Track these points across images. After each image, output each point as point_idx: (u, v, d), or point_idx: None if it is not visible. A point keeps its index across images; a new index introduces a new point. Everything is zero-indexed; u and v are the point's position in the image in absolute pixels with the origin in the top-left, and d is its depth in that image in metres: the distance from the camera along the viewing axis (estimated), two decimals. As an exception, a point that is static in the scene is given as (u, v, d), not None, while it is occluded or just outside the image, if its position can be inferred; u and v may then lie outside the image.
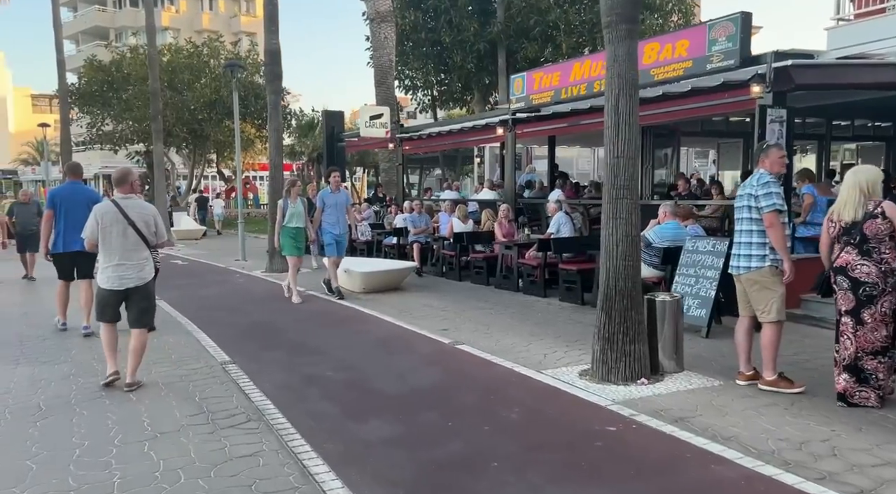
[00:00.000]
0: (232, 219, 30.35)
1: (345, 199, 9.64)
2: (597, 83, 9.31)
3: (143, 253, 5.19)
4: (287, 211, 9.25)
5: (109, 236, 5.06)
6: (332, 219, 9.34)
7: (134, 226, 5.09)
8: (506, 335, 6.72)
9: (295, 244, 9.31)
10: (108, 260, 5.10)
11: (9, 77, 75.91)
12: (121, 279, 5.10)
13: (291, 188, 9.46)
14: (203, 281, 11.77)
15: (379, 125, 15.29)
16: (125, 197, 5.22)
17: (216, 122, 28.26)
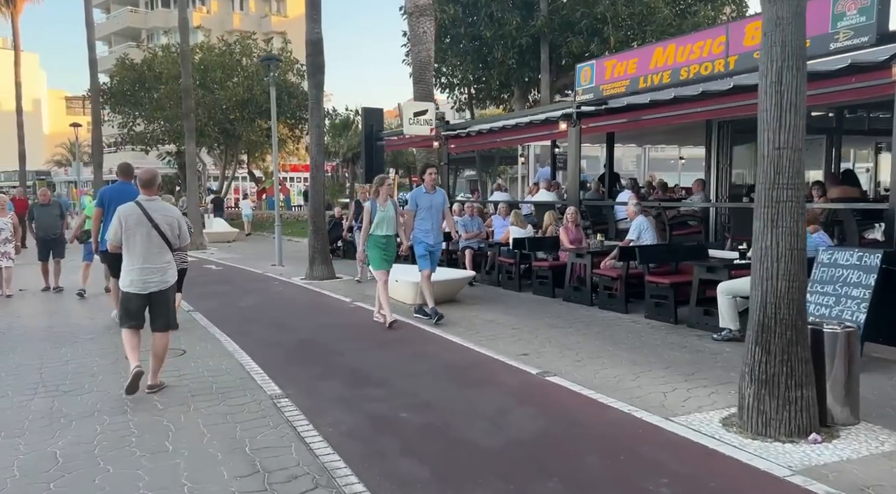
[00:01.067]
0: (262, 221, 29.79)
1: (442, 201, 7.93)
2: (684, 70, 8.22)
3: (167, 257, 5.09)
4: (375, 215, 7.49)
5: (133, 238, 4.96)
6: (426, 226, 7.79)
7: (158, 228, 4.99)
8: (602, 363, 5.67)
9: (384, 256, 7.57)
10: (132, 263, 4.99)
11: (43, 79, 76.93)
12: (144, 282, 4.98)
13: (381, 187, 7.66)
14: (240, 288, 10.92)
15: (423, 122, 14.31)
16: (149, 198, 5.09)
17: (248, 122, 27.64)
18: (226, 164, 31.07)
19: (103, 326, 7.73)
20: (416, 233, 7.86)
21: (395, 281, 8.96)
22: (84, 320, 8.19)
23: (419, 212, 7.83)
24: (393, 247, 7.75)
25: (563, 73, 25.44)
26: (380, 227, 7.52)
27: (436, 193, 7.93)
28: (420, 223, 7.83)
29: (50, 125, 74.02)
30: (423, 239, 7.84)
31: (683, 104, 8.09)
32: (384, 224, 7.54)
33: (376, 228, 7.50)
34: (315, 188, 12.02)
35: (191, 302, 9.18)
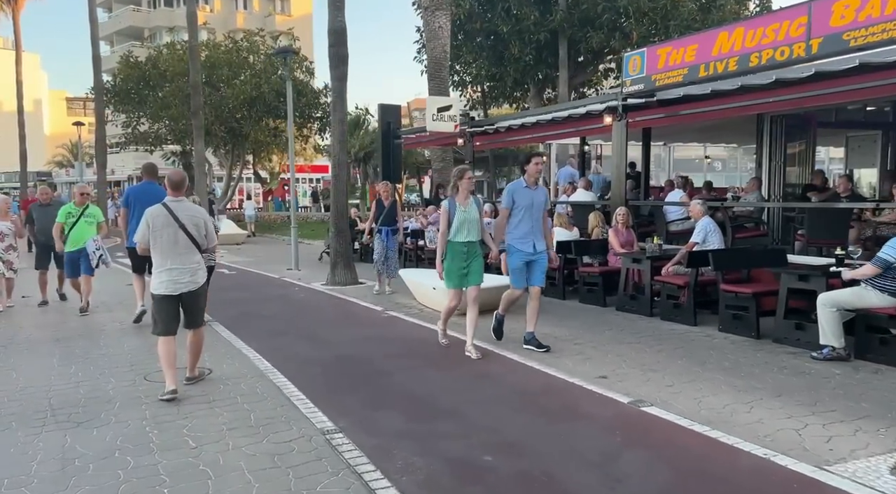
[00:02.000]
0: (269, 222, 29.05)
1: (544, 200, 6.17)
2: (754, 56, 7.46)
3: (195, 257, 5.07)
4: (455, 217, 5.93)
5: (161, 239, 4.94)
6: (523, 229, 6.03)
7: (185, 229, 4.97)
8: (699, 389, 4.91)
9: (463, 268, 5.99)
10: (161, 265, 4.97)
11: (44, 79, 76.30)
12: (175, 284, 4.96)
13: (460, 181, 6.04)
14: (259, 295, 10.16)
15: (447, 118, 13.57)
16: (176, 199, 5.06)
17: (255, 121, 26.90)
18: (232, 165, 30.31)
19: (115, 337, 6.98)
20: (510, 240, 6.18)
21: (432, 288, 8.21)
22: (92, 331, 7.43)
23: (515, 212, 6.08)
24: (477, 256, 6.12)
25: (581, 69, 24.71)
26: (460, 232, 5.97)
27: (537, 190, 6.16)
28: (516, 226, 6.11)
29: (51, 126, 73.37)
30: (519, 246, 6.09)
31: (753, 94, 7.33)
32: (466, 227, 5.98)
33: (456, 233, 5.98)
34: (337, 188, 11.27)
35: (209, 311, 8.40)
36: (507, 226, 6.19)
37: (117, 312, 8.63)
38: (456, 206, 6.01)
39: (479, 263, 6.13)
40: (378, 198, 9.88)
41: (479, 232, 6.15)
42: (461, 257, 6.04)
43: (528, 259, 6.12)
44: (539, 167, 6.13)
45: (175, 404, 4.78)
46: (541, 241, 6.18)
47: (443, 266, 6.09)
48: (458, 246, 6.03)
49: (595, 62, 24.03)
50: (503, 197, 6.32)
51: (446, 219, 6.01)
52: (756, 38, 7.36)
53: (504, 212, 6.25)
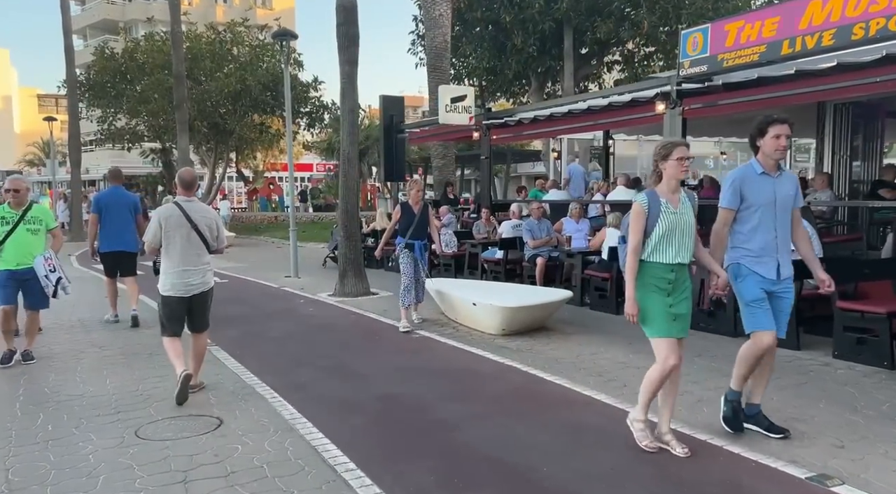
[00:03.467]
0: (256, 223, 27.55)
1: (794, 194, 3.97)
2: (858, 27, 6.35)
3: (206, 258, 4.98)
4: (658, 221, 3.66)
5: (173, 241, 4.83)
6: (765, 238, 3.89)
7: (197, 229, 4.86)
8: (882, 451, 3.74)
9: (672, 306, 3.75)
10: (172, 266, 4.85)
11: (14, 75, 73.61)
12: (187, 286, 4.86)
13: (665, 161, 3.70)
14: (261, 310, 8.84)
15: (461, 109, 12.35)
16: (188, 199, 4.94)
17: (240, 116, 25.41)
18: (215, 163, 28.74)
19: (95, 369, 5.65)
20: (737, 257, 3.93)
21: (472, 304, 6.98)
22: (66, 361, 6.07)
23: (746, 213, 3.89)
24: (688, 286, 3.81)
25: (585, 62, 23.62)
26: (666, 246, 3.65)
27: (781, 176, 3.93)
28: (748, 236, 3.89)
29: (21, 124, 70.80)
30: (755, 267, 3.87)
31: (854, 73, 6.22)
32: (676, 238, 3.64)
33: (659, 249, 3.66)
34: (347, 186, 9.97)
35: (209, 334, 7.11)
36: (731, 235, 3.97)
37: (97, 333, 7.28)
38: (661, 204, 3.65)
39: (689, 298, 3.81)
40: (404, 204, 7.70)
41: (693, 245, 3.74)
42: (666, 286, 3.69)
43: (770, 288, 3.87)
44: (783, 142, 3.81)
45: (182, 480, 3.50)
46: (787, 263, 3.90)
47: (636, 303, 3.70)
48: (660, 270, 3.67)
49: (601, 54, 22.96)
50: (723, 190, 4.05)
51: (641, 225, 3.64)
52: (862, 6, 6.24)
53: (726, 214, 3.95)
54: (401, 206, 7.67)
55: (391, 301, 9.37)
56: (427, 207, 7.60)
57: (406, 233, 7.45)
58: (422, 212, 7.51)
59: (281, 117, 27.09)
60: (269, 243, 21.53)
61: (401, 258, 7.48)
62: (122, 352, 6.44)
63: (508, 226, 10.07)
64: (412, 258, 7.41)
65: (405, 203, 7.69)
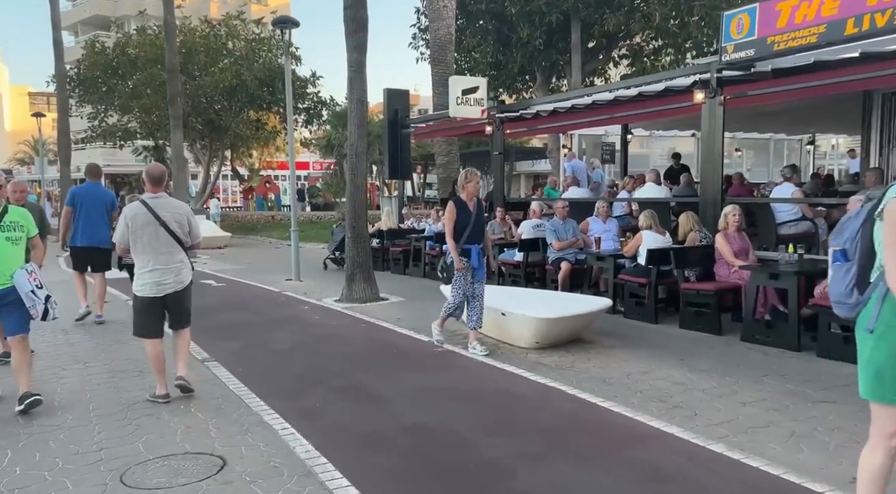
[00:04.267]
0: (252, 223, 26.74)
1: None
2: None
3: (179, 256, 4.75)
4: None
5: (141, 239, 4.62)
6: None
7: (166, 226, 4.66)
8: None
9: None
10: (144, 266, 4.66)
11: (5, 73, 72.52)
12: (158, 285, 4.66)
13: None
14: (263, 317, 8.10)
15: (473, 101, 11.63)
16: (155, 196, 4.72)
17: (236, 112, 24.61)
18: (210, 161, 27.92)
19: (80, 405, 4.90)
20: None
21: (501, 314, 6.27)
22: (46, 400, 5.33)
23: None
24: None
25: (593, 56, 22.92)
26: None
27: None
28: None
29: (12, 122, 69.80)
30: None
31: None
32: None
33: None
34: (355, 183, 9.23)
35: (202, 343, 6.38)
36: None
37: (81, 345, 6.52)
38: None
39: None
40: (458, 200, 6.17)
41: None
42: None
43: None
44: None
45: None
46: None
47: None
48: None
49: (609, 47, 22.25)
50: None
51: None
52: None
53: None
54: (454, 203, 6.10)
55: (404, 307, 8.66)
56: (482, 204, 6.34)
57: (461, 236, 6.08)
58: (478, 209, 6.15)
59: (277, 114, 26.31)
60: (267, 243, 20.79)
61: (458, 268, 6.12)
62: (108, 369, 5.70)
63: (529, 225, 9.35)
64: (468, 267, 6.05)
65: (459, 199, 6.18)
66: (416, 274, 11.91)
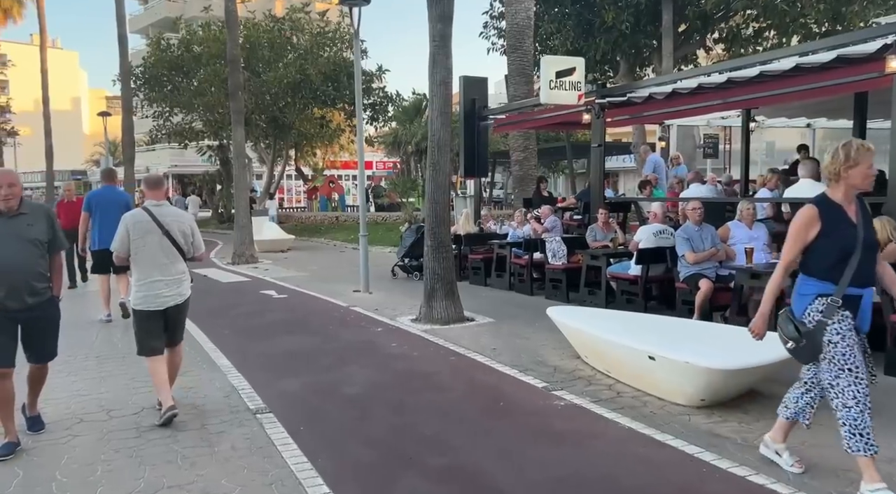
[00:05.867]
0: (315, 225, 25.75)
1: None
2: None
3: (180, 267, 4.55)
4: None
5: (143, 248, 4.43)
6: None
7: (169, 235, 4.46)
8: None
9: None
10: (143, 277, 4.42)
11: (83, 78, 75.37)
12: (159, 298, 4.41)
13: None
14: (330, 344, 6.69)
15: (568, 85, 9.95)
16: (158, 203, 4.55)
17: (300, 109, 23.65)
18: (273, 160, 27.16)
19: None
20: None
21: (647, 357, 4.61)
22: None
23: None
24: None
25: (684, 42, 20.80)
26: None
27: None
28: None
29: (90, 125, 72.43)
30: None
31: None
32: None
33: None
34: (437, 182, 7.74)
35: (256, 382, 5.04)
36: None
37: (106, 393, 5.25)
38: None
39: None
40: (826, 204, 3.24)
41: None
42: None
43: None
44: None
45: None
46: None
47: None
48: None
49: (704, 30, 20.06)
50: None
51: None
52: None
53: None
54: (818, 207, 3.23)
55: (496, 333, 7.10)
56: (867, 209, 3.34)
57: (839, 270, 3.15)
58: (864, 218, 3.27)
59: (342, 110, 25.27)
60: (331, 246, 19.65)
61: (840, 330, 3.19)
62: (134, 427, 4.36)
63: (649, 232, 7.63)
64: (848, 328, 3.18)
65: (825, 199, 3.26)
66: (499, 286, 10.35)
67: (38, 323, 3.96)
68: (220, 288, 11.26)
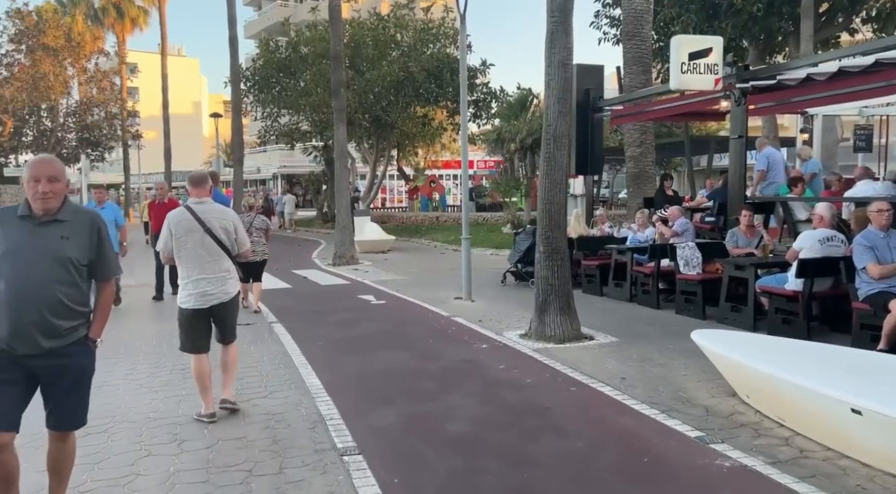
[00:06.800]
0: (413, 225, 25.35)
1: None
2: None
3: (225, 264, 4.44)
4: None
5: (185, 247, 4.36)
6: None
7: (212, 233, 4.37)
8: None
9: None
10: (187, 275, 4.38)
11: (204, 83, 79.90)
12: (203, 296, 4.36)
13: None
14: (430, 363, 5.89)
15: (703, 68, 8.66)
16: (200, 201, 4.47)
17: (402, 107, 23.27)
18: (376, 160, 27.04)
19: None
20: None
21: (850, 410, 3.43)
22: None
23: None
24: None
25: (825, 23, 18.52)
26: None
27: None
28: None
29: (208, 128, 76.88)
30: None
31: None
32: None
33: None
34: (552, 178, 6.75)
35: (347, 412, 4.33)
36: None
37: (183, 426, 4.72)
38: None
39: None
40: None
41: None
42: None
43: None
44: None
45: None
46: None
47: None
48: None
49: (851, 9, 17.71)
50: None
51: None
52: None
53: None
54: None
55: (622, 356, 6.04)
56: None
57: None
58: None
59: (444, 108, 24.70)
60: (432, 248, 19.07)
61: None
62: (204, 467, 3.74)
63: (813, 238, 6.27)
64: None
65: None
66: (617, 297, 9.22)
67: (58, 374, 2.82)
68: (319, 291, 10.85)
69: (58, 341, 2.76)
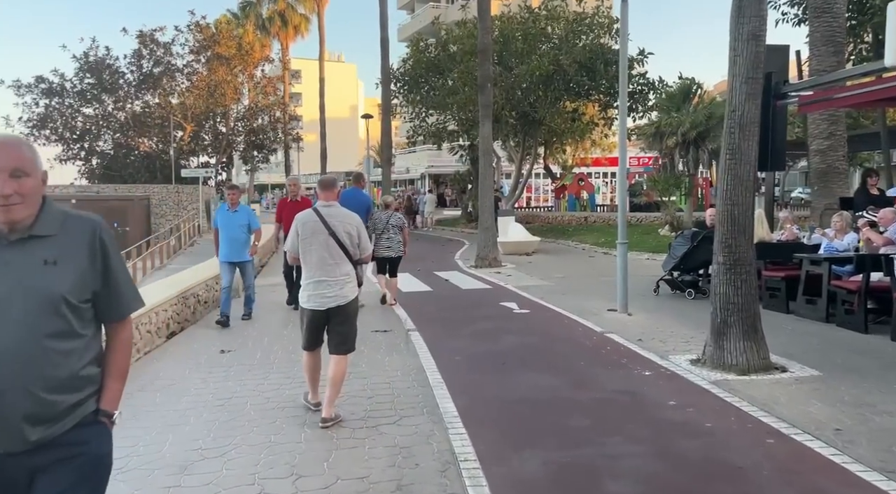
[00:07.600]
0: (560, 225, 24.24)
1: None
2: None
3: (345, 268, 4.47)
4: None
5: (309, 248, 4.44)
6: None
7: (335, 236, 4.44)
8: None
9: None
10: (309, 276, 4.46)
11: (360, 87, 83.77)
12: (321, 298, 4.40)
13: None
14: (581, 393, 5.03)
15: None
16: (327, 204, 4.55)
17: (551, 102, 22.27)
18: (522, 158, 26.25)
19: None
20: None
21: None
22: None
23: None
24: None
25: None
26: None
27: None
28: None
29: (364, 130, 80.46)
30: None
31: None
32: None
33: None
34: (737, 175, 5.58)
35: (481, 437, 3.75)
36: None
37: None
38: None
39: None
40: None
41: None
42: None
43: None
44: None
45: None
46: None
47: None
48: None
49: None
50: None
51: None
52: None
53: None
54: None
55: (829, 396, 4.79)
56: None
57: None
58: None
59: (597, 102, 23.35)
60: (580, 250, 17.95)
61: None
62: None
63: None
64: None
65: None
66: (809, 316, 7.71)
67: (57, 471, 1.78)
68: (459, 295, 10.32)
69: (53, 428, 1.75)
